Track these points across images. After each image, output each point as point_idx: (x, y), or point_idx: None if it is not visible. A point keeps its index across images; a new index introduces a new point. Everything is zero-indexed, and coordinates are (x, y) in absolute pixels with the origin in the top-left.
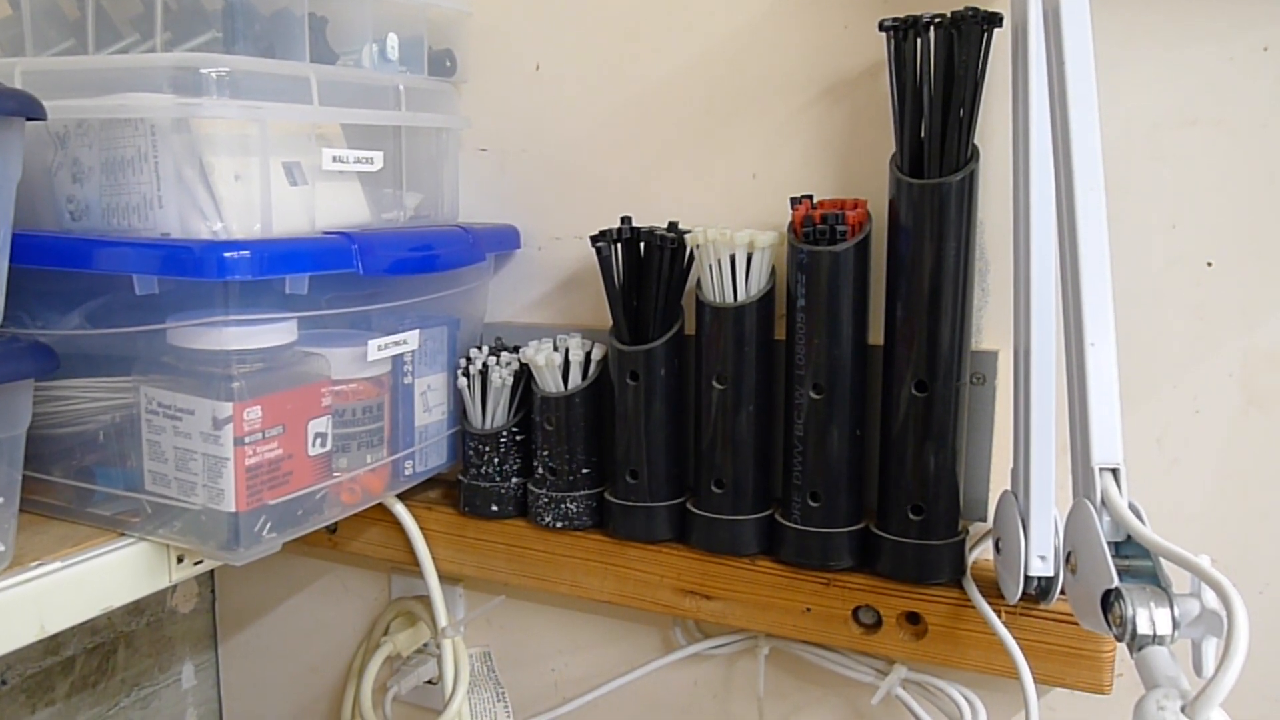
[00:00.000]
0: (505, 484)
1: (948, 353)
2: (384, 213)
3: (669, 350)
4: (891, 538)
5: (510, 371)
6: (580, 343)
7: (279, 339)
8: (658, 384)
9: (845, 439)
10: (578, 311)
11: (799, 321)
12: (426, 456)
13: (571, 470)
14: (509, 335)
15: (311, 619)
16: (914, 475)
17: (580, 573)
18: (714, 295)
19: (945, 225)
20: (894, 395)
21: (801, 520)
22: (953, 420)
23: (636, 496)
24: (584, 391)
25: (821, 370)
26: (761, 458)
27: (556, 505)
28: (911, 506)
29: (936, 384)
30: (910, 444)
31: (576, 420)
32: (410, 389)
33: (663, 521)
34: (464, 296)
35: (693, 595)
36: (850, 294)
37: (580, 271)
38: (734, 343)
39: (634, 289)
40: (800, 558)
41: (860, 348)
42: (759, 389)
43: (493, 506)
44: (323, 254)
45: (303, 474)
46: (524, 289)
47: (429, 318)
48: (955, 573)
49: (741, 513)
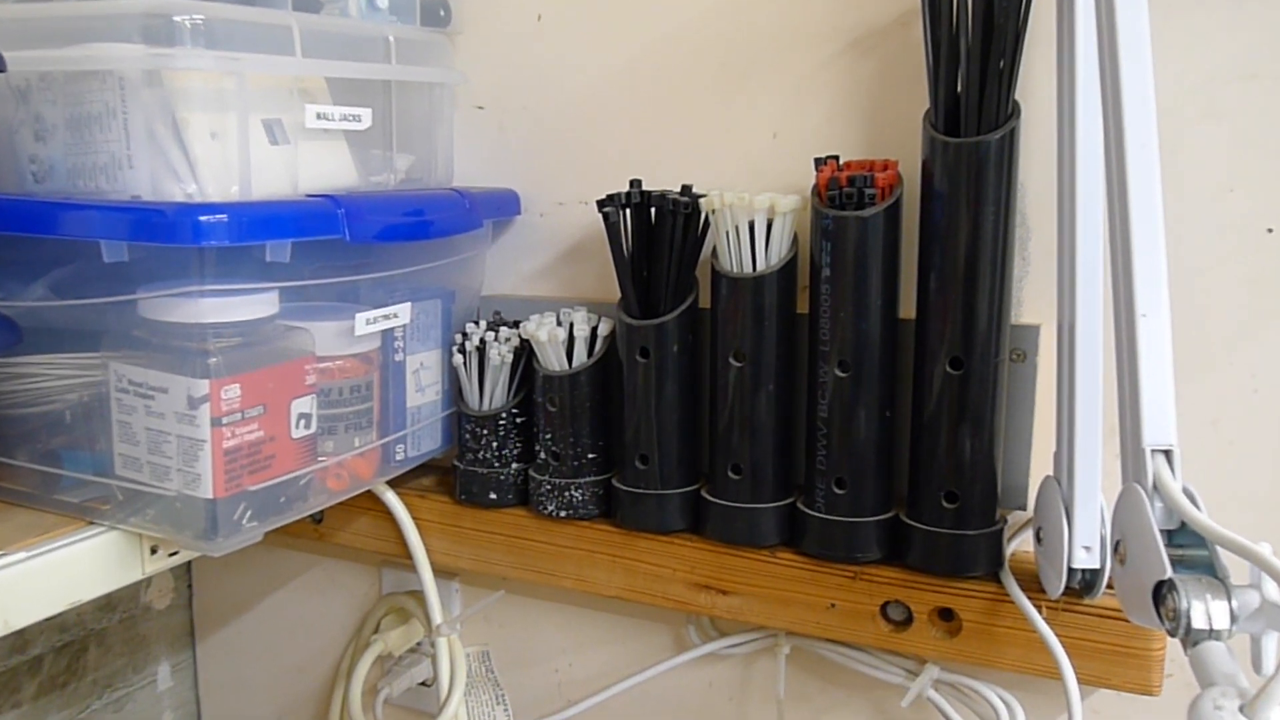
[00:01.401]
0: (504, 470)
1: (985, 327)
2: (372, 175)
3: (682, 325)
4: (923, 527)
5: (510, 348)
6: (586, 317)
7: (259, 311)
8: (670, 361)
9: (873, 420)
10: (583, 283)
11: (823, 293)
12: (419, 440)
13: (576, 455)
14: (508, 309)
15: (296, 616)
16: (948, 460)
17: (586, 566)
18: (731, 265)
19: (983, 188)
20: (926, 373)
21: (826, 509)
22: (990, 400)
23: (647, 483)
24: (590, 370)
25: (848, 346)
26: (782, 441)
27: (560, 493)
28: (945, 494)
29: (973, 361)
30: (944, 426)
31: (582, 401)
32: (401, 367)
33: (675, 510)
34: (459, 267)
35: (708, 590)
36: (879, 263)
37: (585, 240)
38: (753, 316)
39: (644, 258)
40: (824, 549)
41: (890, 322)
42: (780, 367)
43: (491, 494)
44: (306, 219)
45: (285, 458)
46: (524, 259)
47: (421, 290)
48: (992, 565)
49: (761, 501)
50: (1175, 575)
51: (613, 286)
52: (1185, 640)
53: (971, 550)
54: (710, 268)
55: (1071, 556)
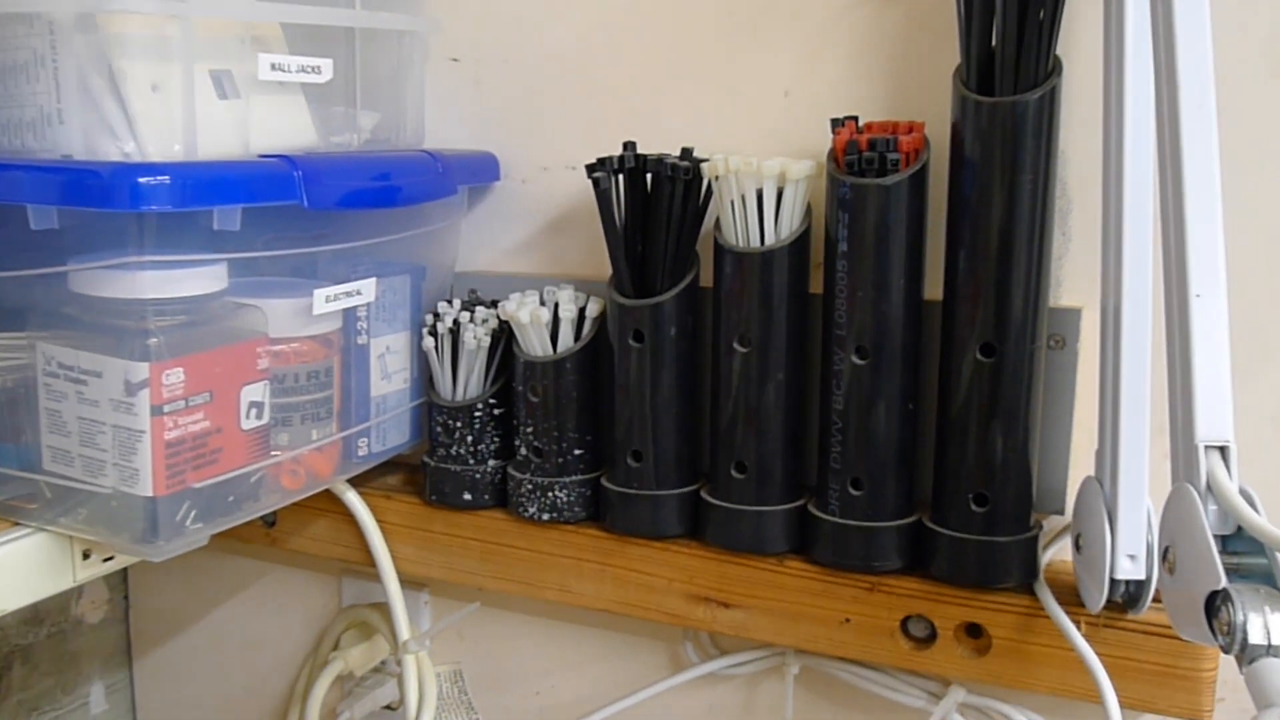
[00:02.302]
0: (480, 468)
1: (1020, 310)
2: (334, 135)
3: (681, 305)
4: (949, 533)
5: (487, 331)
6: (572, 296)
7: (205, 286)
8: (667, 346)
9: (894, 414)
10: (570, 258)
11: (840, 270)
12: (385, 433)
13: (561, 451)
14: (486, 287)
15: (245, 631)
16: (977, 458)
17: (571, 575)
18: (736, 239)
19: (1020, 154)
20: (954, 361)
21: (841, 512)
22: (1025, 391)
23: (640, 483)
24: (577, 355)
25: (867, 330)
26: (792, 436)
27: (543, 493)
28: (974, 496)
29: (1006, 347)
30: (974, 420)
31: (568, 390)
32: (365, 351)
33: (671, 513)
34: (431, 238)
35: (708, 603)
36: (903, 237)
37: (573, 209)
38: (760, 296)
39: (638, 230)
40: (838, 557)
41: (914, 303)
42: (790, 353)
43: (465, 495)
44: (258, 182)
45: (234, 452)
46: (504, 230)
47: (388, 264)
48: (1026, 576)
49: (767, 503)
50: (1230, 585)
51: (603, 262)
52: (1240, 657)
53: (1003, 559)
54: (713, 242)
55: (1114, 566)
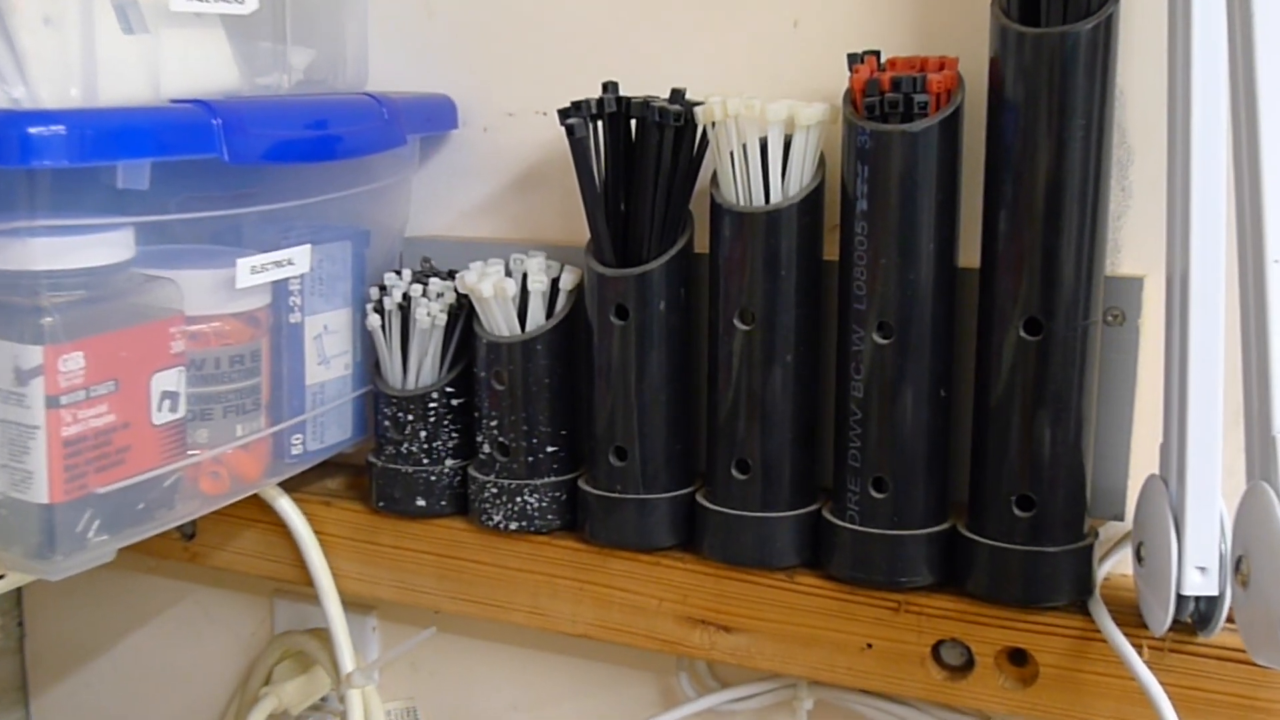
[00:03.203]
0: (436, 469)
1: (1071, 280)
2: (260, 75)
3: (671, 275)
4: (989, 543)
5: (443, 307)
6: (543, 265)
7: (109, 255)
8: (655, 324)
9: (924, 402)
10: (540, 220)
11: (859, 234)
12: (322, 428)
13: (531, 448)
14: (441, 254)
15: (161, 662)
16: (1021, 454)
17: (544, 594)
18: (736, 196)
19: (1070, 95)
20: (994, 340)
21: (861, 518)
22: (1078, 375)
23: (624, 485)
24: (549, 335)
25: (890, 304)
26: (803, 429)
27: (510, 499)
28: (1018, 499)
29: (1055, 324)
30: (1017, 409)
31: (538, 376)
32: (299, 331)
33: (662, 521)
34: (376, 198)
35: (705, 626)
36: (932, 194)
37: (544, 162)
38: (765, 264)
39: (621, 187)
40: (859, 572)
41: (946, 272)
42: (800, 331)
43: (418, 500)
44: (171, 132)
45: (145, 450)
46: (463, 187)
47: (325, 228)
48: (1078, 592)
49: (774, 508)
50: None
51: (580, 225)
52: None
53: (1051, 573)
54: (709, 200)
55: (1181, 580)
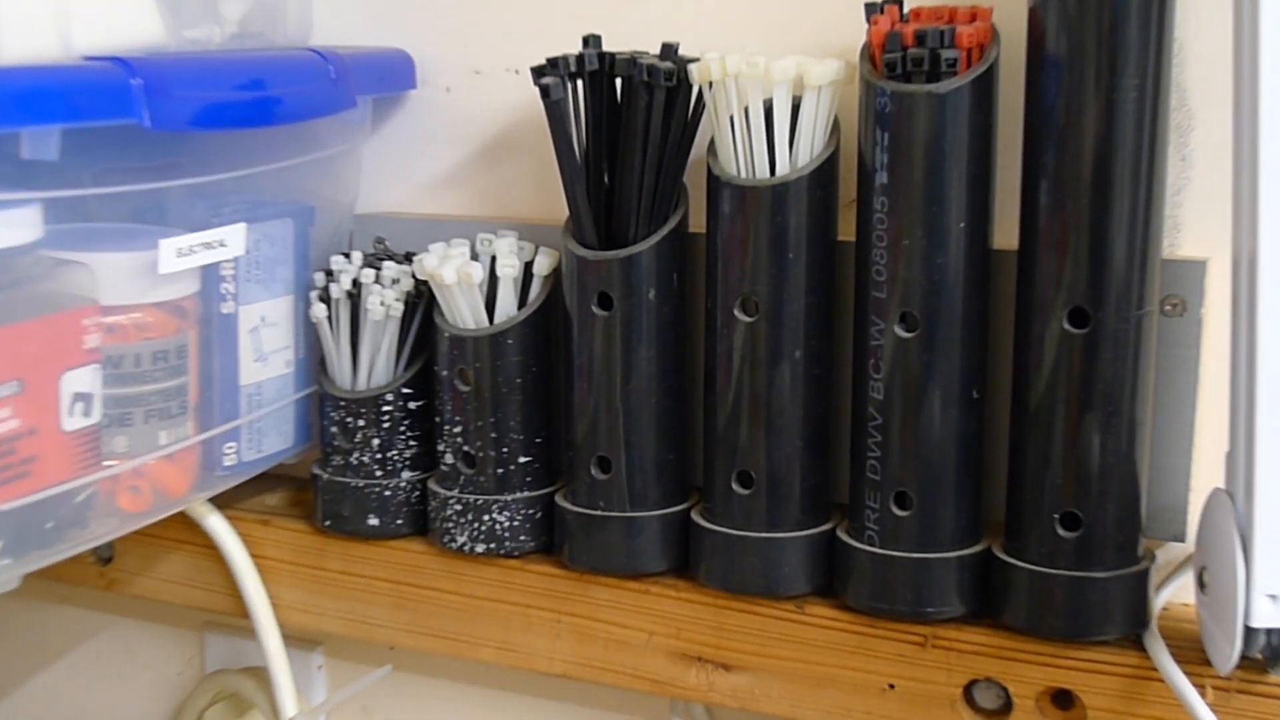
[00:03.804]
0: (391, 482)
1: (1123, 263)
2: (187, 29)
3: (662, 259)
4: (1029, 567)
5: (399, 295)
6: (515, 247)
7: (13, 236)
8: (643, 315)
9: (953, 405)
10: (511, 195)
11: (878, 210)
12: (260, 436)
13: (501, 459)
14: (397, 234)
15: (75, 706)
16: (1067, 465)
17: (516, 628)
18: (738, 167)
19: (1121, 50)
20: (1034, 333)
21: (882, 539)
22: (1131, 374)
23: (609, 501)
24: (521, 328)
25: (915, 292)
26: (815, 436)
27: (477, 517)
28: (1062, 516)
29: (1104, 315)
30: (1061, 413)
31: (509, 375)
32: (232, 323)
33: (652, 542)
34: (321, 169)
35: (702, 664)
36: (963, 165)
37: (515, 128)
38: (770, 246)
39: (605, 157)
40: (879, 601)
41: (978, 255)
42: (810, 323)
43: (371, 519)
44: (84, 94)
45: (53, 461)
46: (422, 157)
47: (263, 204)
48: (1132, 624)
49: (782, 527)
50: None
51: (557, 200)
52: None
53: (1101, 602)
54: (706, 172)
55: (1250, 610)
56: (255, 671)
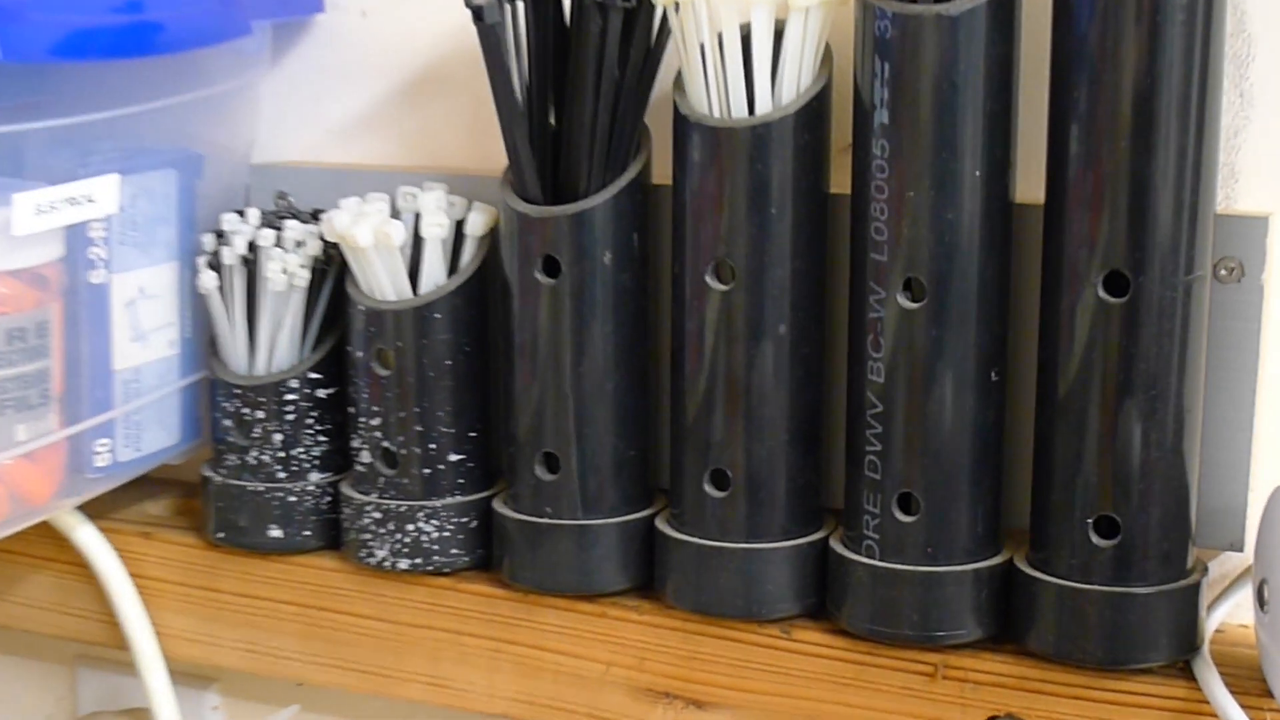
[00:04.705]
0: (297, 485)
1: (1169, 220)
2: None
3: (620, 216)
4: (1058, 582)
5: (304, 261)
6: (443, 202)
7: None
8: (598, 283)
9: (968, 389)
10: (438, 141)
11: (878, 156)
12: (139, 431)
13: (428, 457)
14: (302, 188)
15: None
16: (1102, 460)
17: (448, 659)
18: (710, 105)
19: None
20: (1064, 304)
21: (883, 550)
22: (1178, 352)
23: (558, 507)
24: (452, 300)
25: (921, 254)
26: (803, 428)
27: (400, 527)
28: (1097, 521)
29: (1147, 281)
30: (1095, 398)
31: (437, 357)
32: (103, 295)
33: (610, 555)
34: (210, 110)
35: (671, 700)
36: (978, 102)
37: (444, 60)
38: (749, 201)
39: (551, 93)
40: (881, 623)
41: (997, 210)
42: (797, 292)
43: (273, 530)
44: None
45: None
46: (332, 95)
47: (141, 153)
48: (1180, 649)
49: (765, 537)
50: None
51: (494, 146)
52: None
53: (1143, 622)
54: (672, 112)
55: None
56: (137, 713)
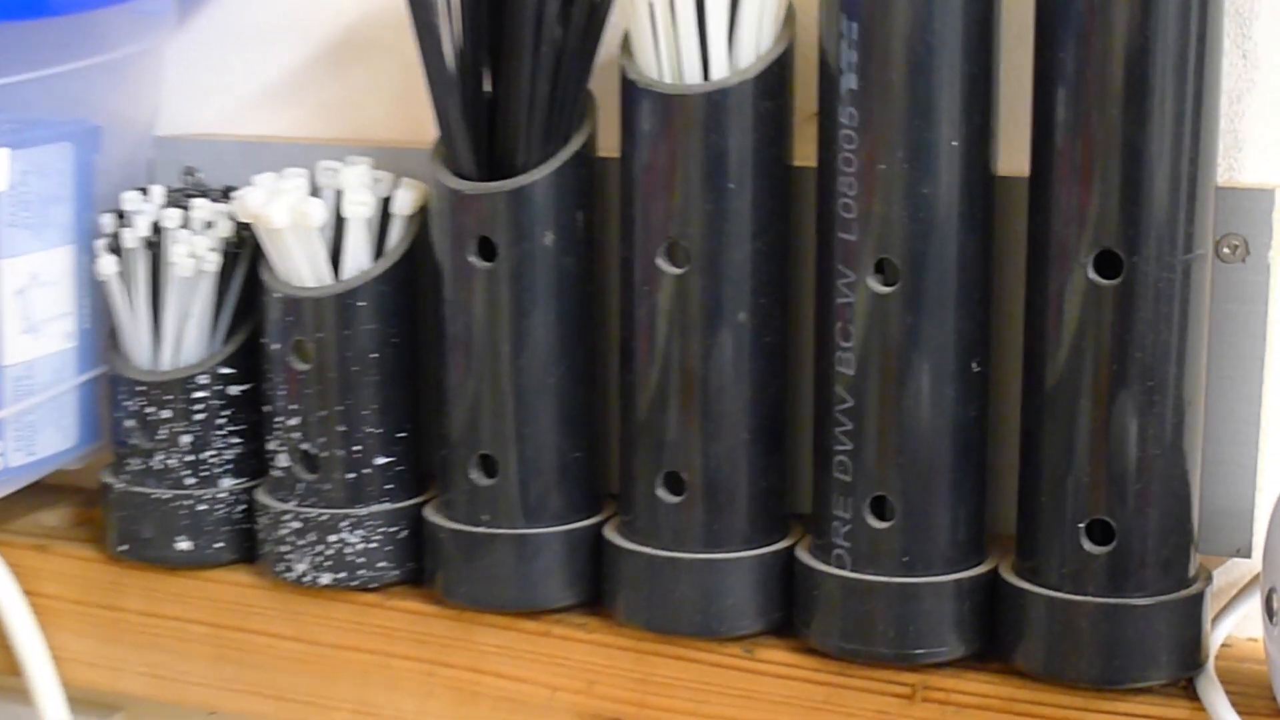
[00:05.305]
0: (208, 492)
1: (1166, 194)
2: None
3: (563, 193)
4: (1047, 593)
5: (214, 244)
6: (367, 178)
7: None
8: (539, 267)
9: (947, 382)
10: (362, 111)
11: (846, 125)
12: (31, 433)
13: (353, 460)
14: (212, 163)
15: None
16: (1094, 459)
17: (377, 684)
18: (660, 69)
19: None
20: (1051, 286)
21: (855, 559)
22: (1177, 339)
23: (496, 515)
24: (377, 286)
25: (894, 233)
26: (766, 426)
27: (321, 538)
28: (1089, 526)
29: (1142, 261)
30: (1086, 390)
31: (362, 349)
32: None
33: (554, 568)
34: (109, 77)
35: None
36: (956, 65)
37: (368, 21)
38: (704, 176)
39: (486, 58)
40: (853, 641)
41: (977, 184)
42: (759, 276)
43: (181, 542)
44: None
45: None
46: (244, 60)
47: (31, 125)
48: (1182, 665)
49: (724, 546)
50: None
51: (423, 116)
52: None
53: (1141, 636)
54: (619, 77)
55: None
56: None
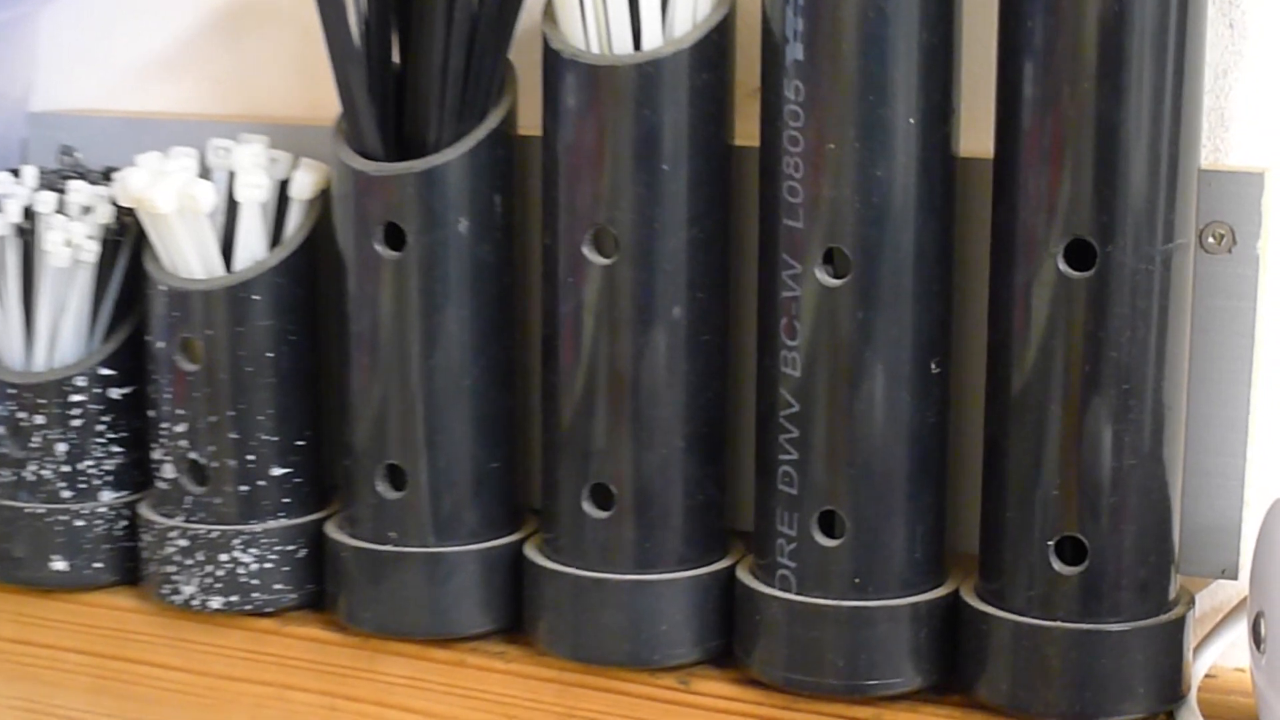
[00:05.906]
0: (86, 506)
1: (1143, 178)
2: None
3: (479, 174)
4: (1013, 618)
5: (93, 231)
6: (263, 158)
7: None
8: (451, 257)
9: (902, 385)
10: (257, 84)
11: (791, 101)
12: None
13: (246, 471)
14: (90, 141)
15: None
16: (1064, 470)
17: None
18: (586, 39)
19: None
20: (1017, 280)
21: (801, 581)
22: (1155, 337)
23: (405, 531)
24: (274, 278)
25: (844, 220)
26: (703, 433)
27: (211, 557)
28: (1059, 543)
29: (1117, 251)
30: (1056, 394)
31: (256, 348)
32: None
33: (470, 591)
34: None
35: None
36: (913, 34)
37: None
38: (635, 155)
39: (394, 26)
40: (798, 670)
41: (936, 166)
42: (696, 267)
43: (55, 562)
44: None
45: None
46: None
47: None
48: (1161, 697)
49: (657, 565)
50: None
51: (324, 91)
52: None
53: (1116, 665)
54: (541, 47)
55: None
56: None
